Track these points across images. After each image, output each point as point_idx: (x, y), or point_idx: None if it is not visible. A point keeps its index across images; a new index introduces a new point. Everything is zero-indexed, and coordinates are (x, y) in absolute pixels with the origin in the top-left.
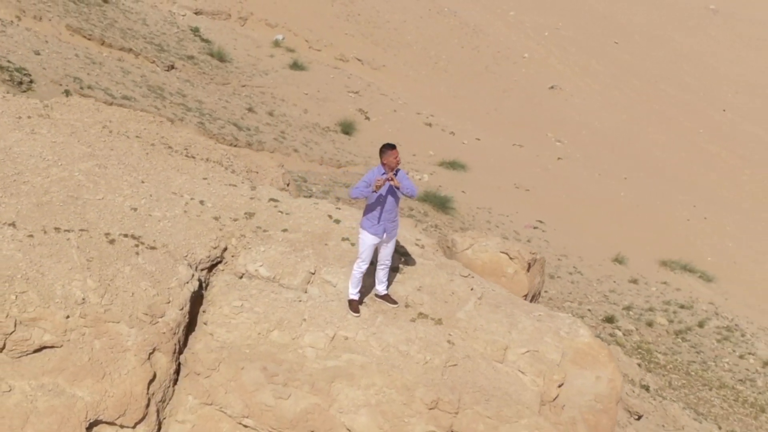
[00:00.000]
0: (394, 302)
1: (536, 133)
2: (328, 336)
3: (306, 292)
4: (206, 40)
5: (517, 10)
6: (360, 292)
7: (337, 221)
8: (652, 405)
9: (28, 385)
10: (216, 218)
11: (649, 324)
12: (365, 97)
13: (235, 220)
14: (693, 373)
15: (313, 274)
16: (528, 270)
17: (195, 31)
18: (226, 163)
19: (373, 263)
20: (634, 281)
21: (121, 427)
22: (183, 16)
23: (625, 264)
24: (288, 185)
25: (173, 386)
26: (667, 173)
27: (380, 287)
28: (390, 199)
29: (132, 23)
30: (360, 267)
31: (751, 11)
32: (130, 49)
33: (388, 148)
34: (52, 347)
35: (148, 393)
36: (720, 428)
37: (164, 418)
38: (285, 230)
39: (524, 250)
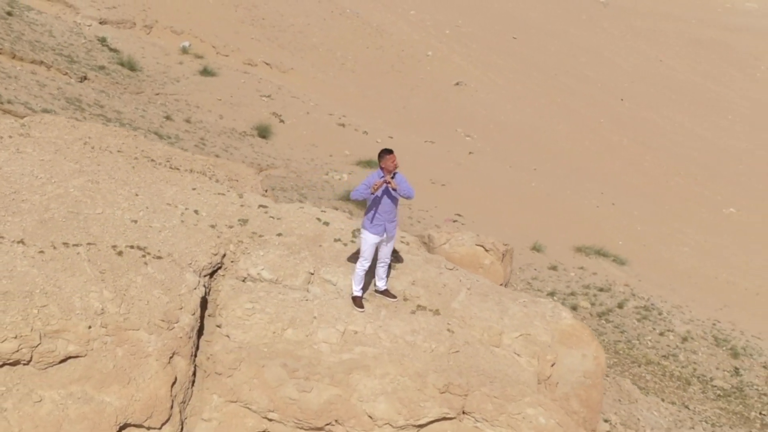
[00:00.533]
0: (394, 296)
1: (446, 129)
2: (339, 331)
3: (309, 292)
4: (114, 50)
5: (417, 9)
6: (362, 288)
7: (326, 223)
8: (607, 381)
9: (57, 395)
10: (212, 226)
11: (574, 308)
12: (277, 100)
13: (231, 227)
14: (621, 352)
15: (313, 274)
16: (502, 260)
17: (102, 41)
18: (209, 173)
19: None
20: (554, 268)
21: (149, 428)
22: (89, 26)
23: (543, 252)
24: (266, 192)
25: (192, 387)
26: (573, 162)
27: (380, 283)
28: (388, 200)
29: (39, 35)
30: (363, 265)
31: (639, 3)
32: (42, 62)
33: (385, 153)
34: (76, 357)
35: (171, 395)
36: (663, 400)
37: (186, 418)
38: (280, 234)
39: (498, 242)
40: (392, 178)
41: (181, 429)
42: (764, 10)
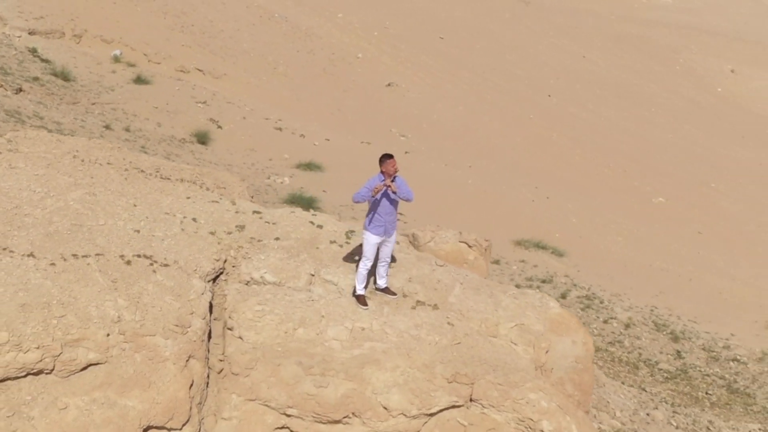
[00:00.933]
0: (394, 294)
1: (381, 129)
2: (348, 328)
3: (312, 292)
4: (46, 60)
5: (344, 12)
6: (365, 287)
7: (320, 227)
8: None
9: (81, 401)
10: (212, 233)
11: None
12: (213, 106)
13: (229, 233)
14: None
15: (314, 275)
16: (483, 255)
17: (33, 51)
18: (198, 182)
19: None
20: (496, 262)
21: (170, 430)
22: (18, 37)
23: None
24: (252, 197)
25: (207, 388)
26: (507, 159)
27: (381, 281)
28: (387, 202)
29: None
30: (366, 265)
31: (560, 1)
32: None
33: (386, 157)
34: (97, 364)
35: (189, 396)
36: (623, 384)
37: (203, 418)
38: (277, 239)
39: (480, 238)
40: (392, 181)
41: (200, 429)
42: (679, 5)
